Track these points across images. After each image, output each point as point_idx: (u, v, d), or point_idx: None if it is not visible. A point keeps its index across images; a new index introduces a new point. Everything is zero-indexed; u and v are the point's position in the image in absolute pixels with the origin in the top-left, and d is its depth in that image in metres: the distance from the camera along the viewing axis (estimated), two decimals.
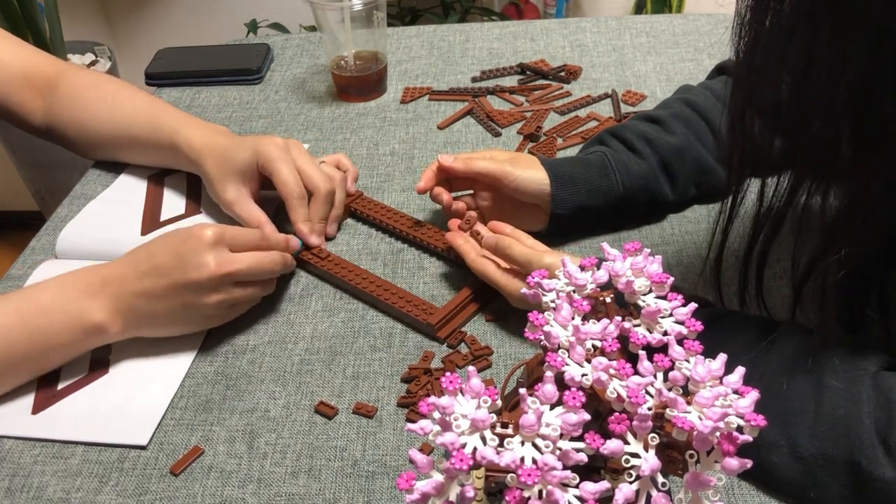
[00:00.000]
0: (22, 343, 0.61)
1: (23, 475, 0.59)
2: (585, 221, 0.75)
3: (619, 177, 0.73)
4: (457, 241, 0.71)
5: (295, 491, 0.57)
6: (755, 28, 0.48)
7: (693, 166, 0.75)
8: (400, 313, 0.69)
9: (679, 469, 0.39)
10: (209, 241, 0.64)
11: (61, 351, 0.63)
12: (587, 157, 0.75)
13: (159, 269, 0.63)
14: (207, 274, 0.63)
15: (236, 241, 0.66)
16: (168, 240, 0.65)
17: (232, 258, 0.65)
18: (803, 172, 0.51)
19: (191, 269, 0.63)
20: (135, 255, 0.66)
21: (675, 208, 0.78)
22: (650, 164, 0.74)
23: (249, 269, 0.66)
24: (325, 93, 1.02)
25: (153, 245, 0.66)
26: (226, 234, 0.65)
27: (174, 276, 0.63)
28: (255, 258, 0.66)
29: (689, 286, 0.70)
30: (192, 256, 0.63)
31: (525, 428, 0.37)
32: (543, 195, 0.72)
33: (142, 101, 0.84)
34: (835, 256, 0.50)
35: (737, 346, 0.54)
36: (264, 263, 0.67)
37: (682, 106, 0.77)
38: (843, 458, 0.49)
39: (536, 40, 1.08)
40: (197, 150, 0.78)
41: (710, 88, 0.79)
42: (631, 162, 0.74)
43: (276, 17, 1.92)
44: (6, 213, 2.19)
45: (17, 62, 0.84)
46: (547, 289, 0.45)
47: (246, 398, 0.64)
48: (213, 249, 0.64)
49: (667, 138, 0.74)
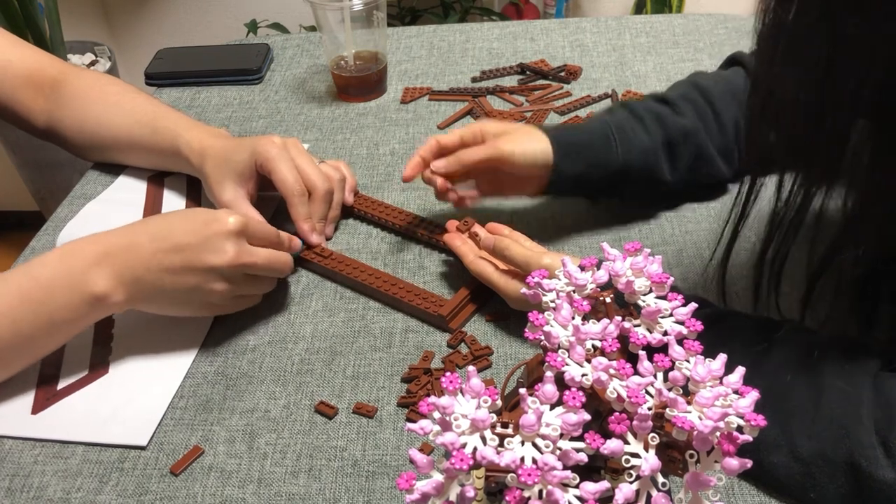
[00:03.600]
0: (27, 322, 0.60)
1: (23, 475, 0.59)
2: (581, 191, 0.74)
3: (619, 148, 0.72)
4: (455, 243, 0.71)
5: (295, 491, 0.57)
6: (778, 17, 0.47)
7: (695, 152, 0.74)
8: (409, 307, 0.69)
9: (679, 469, 0.39)
10: (232, 228, 0.64)
11: (67, 326, 0.63)
12: (591, 125, 0.73)
13: (177, 246, 0.63)
14: (226, 261, 0.63)
15: (255, 235, 0.66)
16: (189, 218, 0.65)
17: (250, 250, 0.65)
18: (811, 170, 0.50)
19: (209, 253, 0.63)
20: (150, 227, 0.65)
21: (667, 196, 0.77)
22: (654, 141, 0.72)
23: (265, 264, 0.66)
24: (325, 93, 1.02)
25: (173, 219, 0.65)
26: (248, 225, 0.65)
27: (191, 255, 0.63)
28: (272, 255, 0.67)
29: (688, 286, 0.70)
30: (214, 240, 0.63)
31: (525, 428, 0.37)
32: (545, 165, 0.71)
33: (143, 105, 0.84)
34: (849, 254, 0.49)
35: (737, 346, 0.53)
36: (279, 261, 0.68)
37: (692, 90, 0.76)
38: (842, 459, 0.49)
39: (536, 40, 1.08)
40: (198, 154, 0.78)
41: (723, 77, 0.78)
42: (636, 135, 0.72)
43: (276, 17, 1.92)
44: (6, 213, 2.19)
45: (18, 63, 0.83)
46: (547, 289, 0.45)
47: (246, 398, 0.64)
48: (234, 238, 0.64)
49: (676, 119, 0.73)
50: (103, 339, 0.69)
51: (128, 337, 0.69)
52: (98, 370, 0.66)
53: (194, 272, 0.63)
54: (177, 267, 0.63)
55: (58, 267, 0.61)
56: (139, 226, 0.65)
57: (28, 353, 0.63)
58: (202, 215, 0.65)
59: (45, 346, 0.63)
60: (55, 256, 0.62)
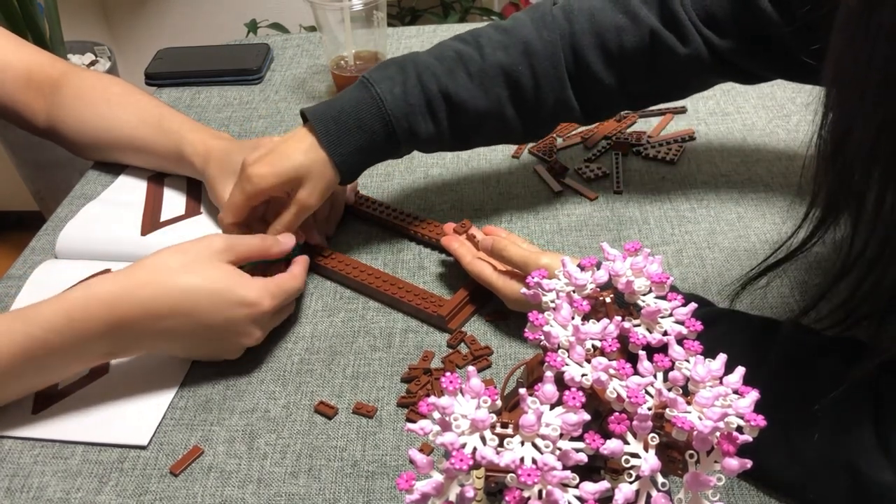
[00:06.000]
0: (29, 377, 0.60)
1: (23, 475, 0.59)
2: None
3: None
4: (452, 245, 0.71)
5: (295, 491, 0.57)
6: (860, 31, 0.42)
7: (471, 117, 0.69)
8: (409, 307, 0.69)
9: (679, 469, 0.39)
10: (267, 311, 0.63)
11: (69, 373, 0.64)
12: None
13: (200, 324, 0.61)
14: (253, 342, 0.64)
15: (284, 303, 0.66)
16: (215, 298, 0.60)
17: (277, 318, 0.66)
18: None
19: (234, 335, 0.63)
20: (174, 295, 0.59)
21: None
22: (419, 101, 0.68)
23: (283, 315, 0.68)
24: (325, 93, 1.02)
25: (198, 295, 0.60)
26: (280, 295, 0.64)
27: (214, 334, 0.62)
28: (289, 303, 0.68)
29: (688, 286, 0.70)
30: (242, 326, 0.62)
31: (525, 428, 0.37)
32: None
33: (146, 106, 0.83)
34: None
35: (736, 346, 0.53)
36: (292, 303, 0.69)
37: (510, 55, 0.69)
38: (842, 461, 0.48)
39: None
40: (202, 156, 0.78)
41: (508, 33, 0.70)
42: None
43: (276, 17, 1.92)
44: (6, 213, 2.19)
45: (19, 62, 0.83)
46: (547, 289, 0.45)
47: (246, 398, 0.64)
48: (263, 320, 0.63)
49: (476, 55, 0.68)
50: None
51: None
52: (98, 370, 0.66)
53: (214, 344, 0.64)
54: (196, 342, 0.63)
55: (69, 334, 0.58)
56: (159, 290, 0.59)
57: (25, 392, 0.63)
58: (231, 294, 0.61)
59: (44, 385, 0.63)
60: (64, 321, 0.57)
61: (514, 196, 0.83)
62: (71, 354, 0.59)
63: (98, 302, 0.58)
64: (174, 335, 0.61)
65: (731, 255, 0.73)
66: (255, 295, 0.62)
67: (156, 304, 0.59)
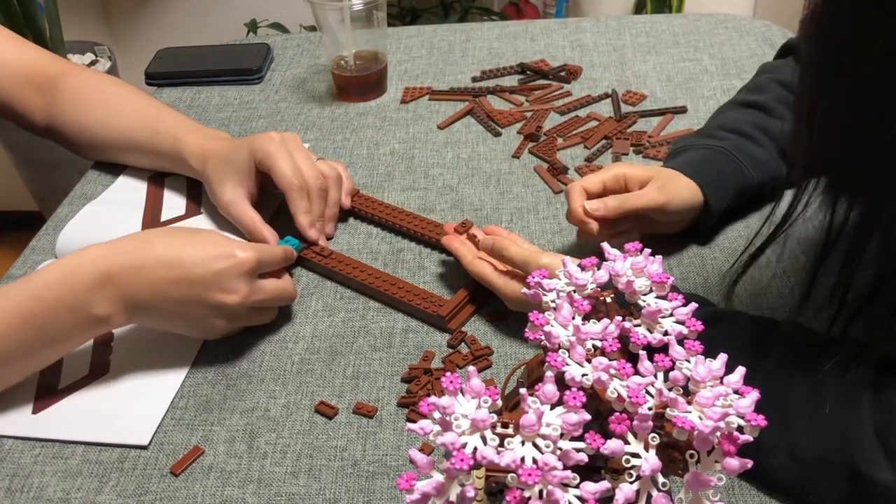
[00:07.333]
0: (29, 341, 0.60)
1: (23, 475, 0.59)
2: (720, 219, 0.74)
3: (750, 170, 0.72)
4: (453, 245, 0.71)
5: (295, 491, 0.57)
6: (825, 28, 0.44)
7: None
8: (409, 307, 0.69)
9: (679, 469, 0.39)
10: (247, 269, 0.63)
11: (68, 343, 0.63)
12: (709, 155, 0.72)
13: (186, 278, 0.61)
14: (235, 301, 0.63)
15: (266, 267, 0.66)
16: (202, 248, 0.63)
17: (260, 287, 0.65)
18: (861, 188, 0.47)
19: (220, 291, 0.62)
20: (158, 248, 0.62)
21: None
22: (770, 154, 0.72)
23: (272, 299, 0.67)
24: (325, 93, 1.02)
25: (184, 245, 0.63)
26: (262, 261, 0.65)
27: (199, 290, 0.62)
28: (279, 290, 0.67)
29: (688, 286, 0.70)
30: (226, 279, 0.62)
31: (525, 428, 0.37)
32: (697, 208, 0.70)
33: (144, 106, 0.83)
34: None
35: (737, 346, 0.53)
36: (285, 294, 0.68)
37: (779, 88, 0.74)
38: (842, 462, 0.48)
39: (536, 40, 1.08)
40: (199, 157, 0.78)
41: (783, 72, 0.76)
42: (756, 153, 0.72)
43: (276, 17, 1.92)
44: (6, 213, 2.18)
45: (18, 61, 0.83)
46: (547, 289, 0.45)
47: (246, 398, 0.64)
48: (246, 277, 0.63)
49: (776, 122, 0.72)
50: (104, 339, 0.69)
51: (128, 337, 0.69)
52: (99, 370, 0.66)
53: (200, 306, 0.63)
54: (183, 299, 0.62)
55: (60, 288, 0.60)
56: (147, 244, 0.63)
57: (29, 366, 0.63)
58: (215, 248, 0.63)
59: (46, 359, 0.63)
60: (57, 275, 0.60)
61: (514, 196, 0.83)
62: (64, 312, 0.60)
63: (89, 256, 0.61)
64: (163, 293, 0.61)
65: (731, 255, 0.73)
66: (240, 247, 0.64)
67: (143, 255, 0.62)
